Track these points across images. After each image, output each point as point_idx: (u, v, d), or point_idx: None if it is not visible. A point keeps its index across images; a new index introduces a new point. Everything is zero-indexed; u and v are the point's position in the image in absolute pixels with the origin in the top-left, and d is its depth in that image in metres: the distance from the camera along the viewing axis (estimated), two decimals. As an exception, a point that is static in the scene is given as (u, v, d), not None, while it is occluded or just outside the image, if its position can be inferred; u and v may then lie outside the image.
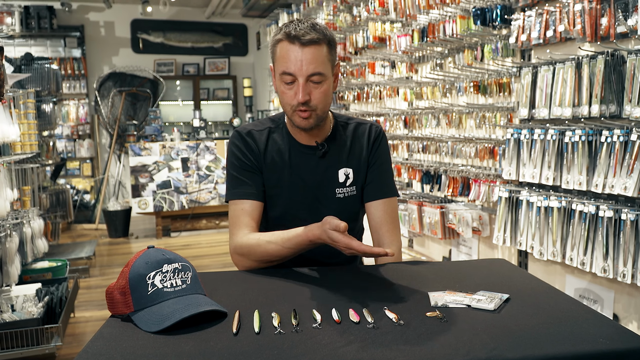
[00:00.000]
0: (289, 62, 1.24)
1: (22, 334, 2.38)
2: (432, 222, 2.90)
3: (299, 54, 1.23)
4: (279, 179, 1.39)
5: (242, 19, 7.32)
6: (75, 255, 4.36)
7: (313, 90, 1.26)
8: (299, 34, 1.22)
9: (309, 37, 1.22)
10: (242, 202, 1.36)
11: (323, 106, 1.30)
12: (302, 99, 1.25)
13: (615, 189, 1.75)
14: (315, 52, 1.24)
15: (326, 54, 1.26)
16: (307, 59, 1.23)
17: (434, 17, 2.85)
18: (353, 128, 1.45)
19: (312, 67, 1.24)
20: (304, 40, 1.22)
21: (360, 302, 1.01)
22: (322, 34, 1.25)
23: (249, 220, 1.34)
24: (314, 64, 1.23)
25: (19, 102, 3.13)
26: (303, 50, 1.23)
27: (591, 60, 1.85)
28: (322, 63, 1.25)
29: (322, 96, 1.28)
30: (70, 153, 6.63)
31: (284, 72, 1.25)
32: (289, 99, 1.28)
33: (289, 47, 1.24)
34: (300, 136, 1.40)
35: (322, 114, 1.31)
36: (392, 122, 3.52)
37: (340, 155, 1.42)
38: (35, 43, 6.43)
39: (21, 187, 3.17)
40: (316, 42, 1.23)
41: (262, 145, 1.39)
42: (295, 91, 1.26)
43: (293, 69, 1.24)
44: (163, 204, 5.37)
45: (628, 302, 1.90)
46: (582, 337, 0.85)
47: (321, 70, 1.25)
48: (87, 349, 0.84)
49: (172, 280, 0.97)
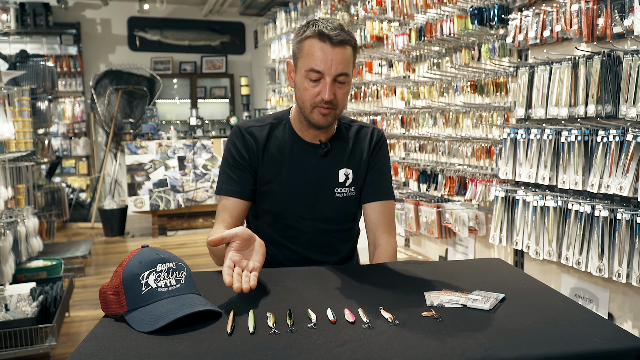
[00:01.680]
0: (318, 59, 1.25)
1: (16, 333, 2.37)
2: (429, 222, 2.90)
3: (330, 53, 1.25)
4: (278, 173, 1.40)
5: (239, 17, 7.30)
6: (71, 254, 4.35)
7: (337, 90, 1.29)
8: (331, 34, 1.24)
9: (340, 37, 1.25)
10: (226, 199, 1.39)
11: (342, 106, 1.34)
12: (329, 98, 1.27)
13: (610, 189, 1.75)
14: (344, 53, 1.26)
15: (351, 56, 1.29)
16: (337, 58, 1.25)
17: (431, 17, 2.85)
18: (356, 130, 1.47)
19: (340, 67, 1.26)
20: (335, 40, 1.25)
21: (356, 302, 1.01)
22: (349, 36, 1.28)
23: (227, 217, 1.37)
24: (342, 64, 1.26)
25: (13, 100, 3.12)
26: (334, 49, 1.25)
27: (587, 60, 1.85)
28: (349, 64, 1.29)
29: (344, 96, 1.32)
30: (66, 151, 6.60)
31: (312, 69, 1.27)
32: (312, 96, 1.29)
33: (320, 45, 1.25)
34: (305, 133, 1.40)
35: (339, 113, 1.35)
36: (389, 121, 3.52)
37: (341, 155, 1.43)
38: (30, 40, 6.40)
39: (16, 186, 3.16)
40: (346, 43, 1.26)
41: (262, 140, 1.40)
42: (321, 89, 1.28)
43: (322, 67, 1.25)
44: (159, 203, 5.35)
45: (623, 302, 1.90)
46: (578, 336, 0.85)
47: (347, 71, 1.28)
48: (80, 349, 0.83)
49: (166, 280, 0.96)
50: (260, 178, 1.41)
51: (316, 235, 1.42)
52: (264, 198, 1.41)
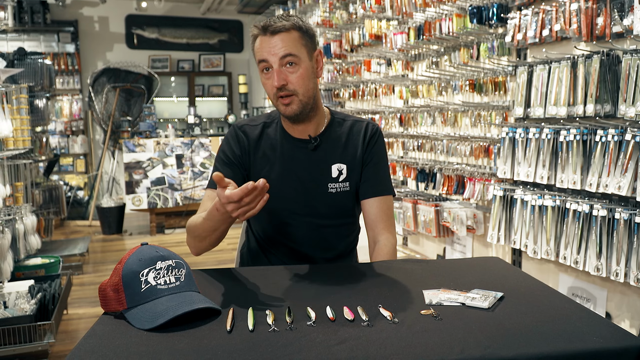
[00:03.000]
0: (263, 50, 1.30)
1: (14, 330, 2.37)
2: (427, 220, 2.91)
3: (270, 40, 1.29)
4: (270, 171, 1.40)
5: (237, 15, 7.29)
6: (69, 252, 4.34)
7: (289, 75, 1.30)
8: (269, 24, 1.29)
9: (278, 25, 1.29)
10: (210, 191, 1.39)
11: (304, 91, 1.32)
12: (278, 84, 1.29)
13: (609, 188, 1.76)
14: (285, 37, 1.29)
15: (297, 39, 1.31)
16: (278, 44, 1.29)
17: (430, 15, 2.85)
18: (349, 125, 1.46)
19: (282, 50, 1.28)
20: (272, 28, 1.29)
21: (355, 299, 1.01)
22: (292, 22, 1.31)
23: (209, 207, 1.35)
24: (284, 47, 1.28)
25: (11, 98, 3.11)
26: (273, 37, 1.29)
27: (587, 59, 1.86)
28: (294, 47, 1.29)
29: (299, 80, 1.30)
30: (64, 149, 6.58)
31: (259, 61, 1.32)
32: (270, 88, 1.32)
33: (262, 39, 1.31)
34: (293, 130, 1.41)
35: (305, 99, 1.33)
36: (388, 120, 3.52)
37: (334, 150, 1.42)
38: (28, 38, 6.38)
39: (14, 183, 3.15)
40: (285, 29, 1.29)
41: (255, 139, 1.42)
42: (273, 77, 1.30)
43: (266, 55, 1.29)
44: (157, 201, 5.35)
45: (620, 301, 1.91)
46: (576, 335, 0.85)
47: (293, 51, 1.29)
48: (80, 346, 0.83)
49: (165, 278, 0.96)
50: (253, 176, 1.42)
51: (310, 231, 1.42)
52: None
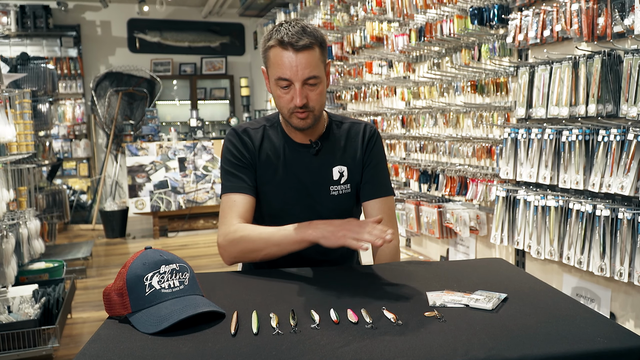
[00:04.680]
0: (284, 67, 1.25)
1: (18, 335, 2.37)
2: (430, 222, 2.90)
3: (293, 60, 1.24)
4: (273, 175, 1.41)
5: (239, 18, 7.31)
6: (72, 256, 4.35)
7: (309, 92, 1.29)
8: (292, 41, 1.23)
9: (302, 42, 1.23)
10: (235, 195, 1.37)
11: (320, 107, 1.34)
12: (300, 103, 1.27)
13: (612, 188, 1.75)
14: (309, 56, 1.25)
15: (319, 57, 1.28)
16: (302, 63, 1.24)
17: (431, 17, 2.85)
18: (347, 127, 1.47)
19: (307, 72, 1.25)
20: (297, 47, 1.24)
21: (359, 302, 1.01)
22: (313, 37, 1.26)
23: (242, 212, 1.35)
24: (308, 68, 1.25)
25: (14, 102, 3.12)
26: (297, 55, 1.24)
27: (588, 59, 1.85)
28: (317, 66, 1.27)
29: (318, 97, 1.31)
30: (67, 153, 6.60)
31: (279, 78, 1.27)
32: (286, 102, 1.30)
33: (282, 54, 1.25)
34: (294, 135, 1.42)
35: (318, 114, 1.35)
36: (390, 121, 3.52)
37: (334, 153, 1.43)
38: (31, 43, 6.41)
39: (17, 188, 3.16)
40: (309, 47, 1.25)
41: (258, 142, 1.42)
42: (292, 95, 1.28)
43: (289, 74, 1.25)
44: (160, 204, 5.36)
45: (625, 301, 1.90)
46: (580, 336, 0.85)
47: (316, 73, 1.27)
48: (85, 351, 0.83)
49: (169, 282, 0.96)
50: (257, 179, 1.42)
51: None
52: (260, 200, 1.42)
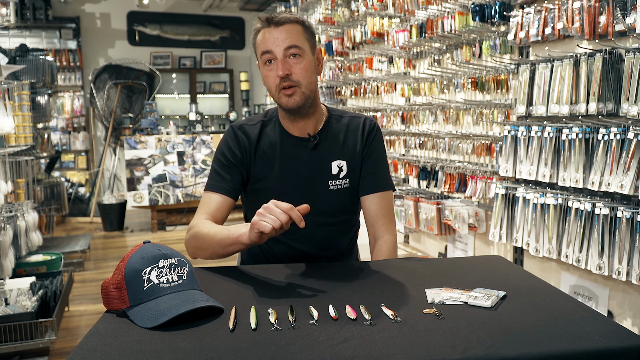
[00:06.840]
0: (266, 42, 1.31)
1: (15, 327, 2.37)
2: (428, 218, 2.91)
3: (275, 32, 1.31)
4: (270, 170, 1.41)
5: (239, 12, 7.28)
6: (70, 249, 4.35)
7: (293, 65, 1.31)
8: (274, 18, 1.31)
9: (283, 18, 1.31)
10: (212, 194, 1.39)
11: (307, 83, 1.33)
12: (283, 72, 1.29)
13: (611, 187, 1.75)
14: (290, 28, 1.31)
15: (302, 32, 1.33)
16: (282, 35, 1.30)
17: (432, 13, 2.84)
18: (347, 121, 1.46)
19: (287, 41, 1.30)
20: (277, 20, 1.31)
21: (357, 298, 1.01)
22: (295, 18, 1.33)
23: (212, 210, 1.37)
24: (289, 38, 1.30)
25: (13, 94, 3.11)
26: (278, 29, 1.31)
27: (589, 58, 1.85)
28: (299, 39, 1.31)
29: (302, 71, 1.32)
30: (65, 145, 6.59)
31: (263, 52, 1.32)
32: (273, 79, 1.33)
33: (265, 31, 1.32)
34: (292, 128, 1.41)
35: (307, 91, 1.33)
36: (389, 117, 3.52)
37: (333, 147, 1.42)
38: (30, 34, 6.37)
39: (15, 180, 3.15)
40: (290, 21, 1.32)
41: (254, 138, 1.42)
42: (276, 68, 1.31)
43: (270, 46, 1.30)
44: (158, 198, 5.35)
45: (623, 299, 1.91)
46: (579, 334, 0.85)
47: (297, 43, 1.31)
48: (83, 344, 0.83)
49: (168, 276, 0.96)
50: (253, 176, 1.42)
51: (312, 230, 1.42)
52: (258, 195, 1.41)
